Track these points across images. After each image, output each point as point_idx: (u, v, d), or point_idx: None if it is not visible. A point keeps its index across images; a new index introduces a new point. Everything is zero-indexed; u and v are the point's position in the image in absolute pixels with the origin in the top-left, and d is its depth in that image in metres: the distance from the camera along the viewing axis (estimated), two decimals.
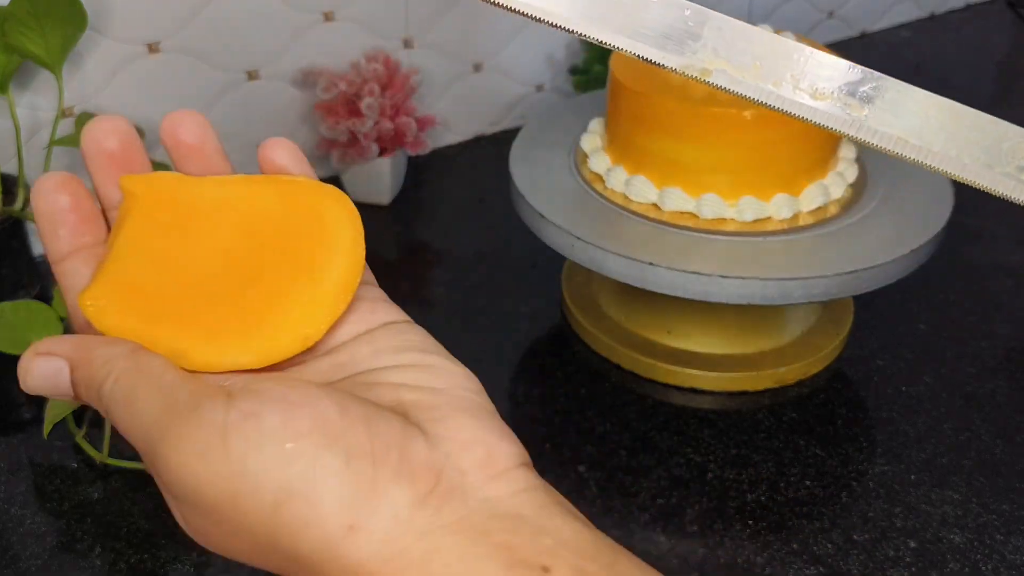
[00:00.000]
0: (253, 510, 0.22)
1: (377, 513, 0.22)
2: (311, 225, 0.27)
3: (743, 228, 0.62)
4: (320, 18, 0.85)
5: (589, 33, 0.25)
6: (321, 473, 0.22)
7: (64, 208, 0.26)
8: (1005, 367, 0.69)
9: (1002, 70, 1.25)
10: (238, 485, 0.22)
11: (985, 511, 0.57)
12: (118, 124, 0.28)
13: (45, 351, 0.25)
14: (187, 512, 0.24)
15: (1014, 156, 0.26)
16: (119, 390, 0.24)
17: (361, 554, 0.22)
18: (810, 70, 0.26)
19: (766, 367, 0.67)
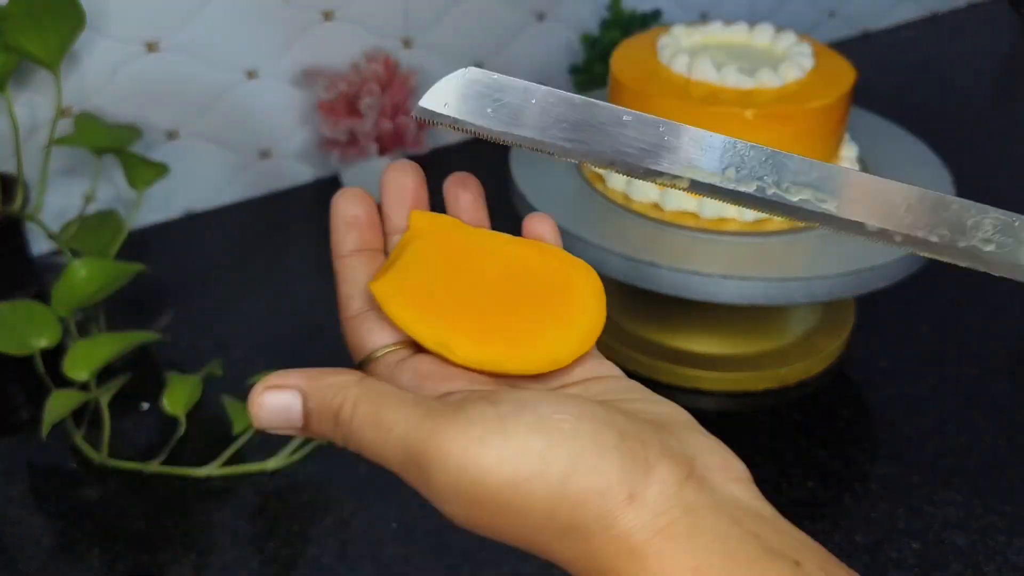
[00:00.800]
0: (539, 488, 0.24)
1: (650, 486, 0.24)
2: (564, 283, 0.31)
3: (745, 228, 0.62)
4: (320, 18, 0.85)
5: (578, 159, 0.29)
6: (603, 442, 0.24)
7: (359, 216, 0.31)
8: (1008, 368, 0.69)
9: (1004, 69, 1.24)
10: (522, 465, 0.24)
11: (988, 512, 0.57)
12: (417, 170, 0.33)
13: (275, 384, 0.27)
14: (455, 509, 0.25)
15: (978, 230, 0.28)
16: (362, 411, 0.26)
17: (636, 523, 0.24)
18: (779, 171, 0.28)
19: (767, 367, 0.66)
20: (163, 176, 0.72)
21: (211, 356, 0.70)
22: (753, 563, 0.23)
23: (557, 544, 0.25)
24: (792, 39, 0.68)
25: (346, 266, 0.31)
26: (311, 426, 0.27)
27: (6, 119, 0.72)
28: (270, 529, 0.56)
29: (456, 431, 0.24)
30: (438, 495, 0.25)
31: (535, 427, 0.24)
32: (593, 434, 0.24)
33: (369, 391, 0.27)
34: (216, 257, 0.82)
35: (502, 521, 0.25)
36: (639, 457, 0.25)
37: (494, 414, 0.24)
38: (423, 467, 0.25)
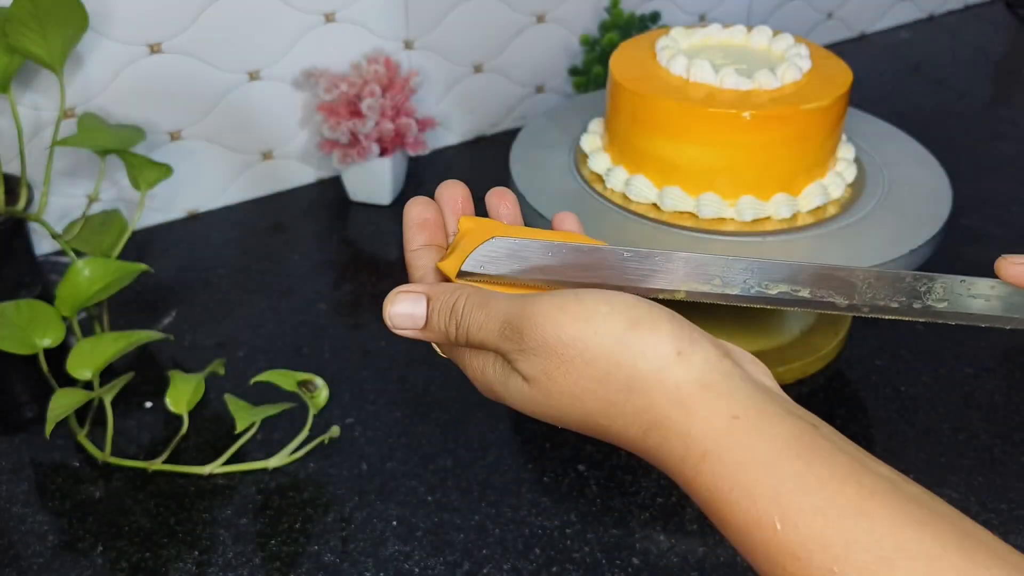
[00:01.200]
0: (605, 339, 0.30)
1: (696, 350, 0.30)
2: None
3: (742, 228, 0.63)
4: (321, 19, 0.86)
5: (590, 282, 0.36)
6: (656, 315, 0.31)
7: (429, 219, 0.39)
8: (1003, 368, 0.70)
9: (1000, 70, 1.25)
10: (592, 320, 0.30)
11: (984, 510, 0.57)
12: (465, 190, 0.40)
13: (406, 290, 0.35)
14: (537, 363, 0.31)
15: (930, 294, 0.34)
16: (473, 300, 0.34)
17: (684, 376, 0.29)
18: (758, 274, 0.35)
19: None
20: (167, 177, 0.73)
21: (213, 355, 0.70)
22: (781, 417, 0.28)
23: (619, 399, 0.30)
24: (789, 41, 0.69)
25: (416, 256, 0.38)
26: (432, 322, 0.35)
27: (10, 120, 0.73)
28: (272, 526, 0.56)
29: (543, 302, 0.32)
30: (527, 350, 0.31)
31: (602, 299, 0.31)
32: (648, 310, 0.31)
33: (476, 289, 0.34)
34: (218, 257, 0.82)
35: (573, 374, 0.31)
36: (686, 330, 0.31)
37: (572, 293, 0.32)
38: (518, 328, 0.32)
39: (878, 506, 0.26)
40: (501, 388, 0.33)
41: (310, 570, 0.53)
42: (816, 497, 0.26)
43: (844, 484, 0.26)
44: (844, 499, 0.26)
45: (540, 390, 0.32)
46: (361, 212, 0.89)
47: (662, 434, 0.29)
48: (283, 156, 0.90)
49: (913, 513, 0.26)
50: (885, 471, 0.27)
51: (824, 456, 0.27)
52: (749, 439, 0.28)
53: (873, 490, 0.26)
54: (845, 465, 0.27)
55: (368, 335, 0.73)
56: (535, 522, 0.57)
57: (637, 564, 0.54)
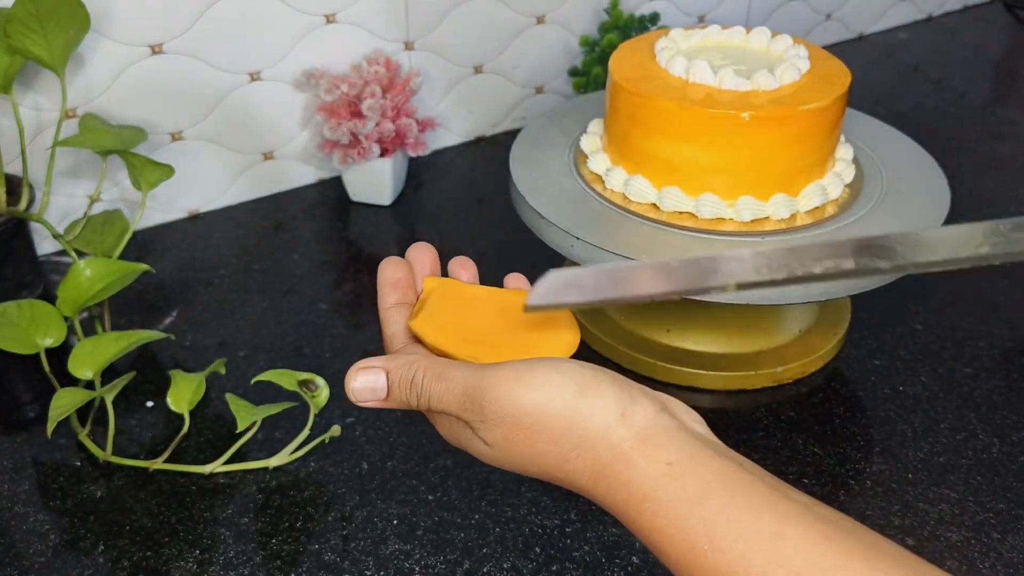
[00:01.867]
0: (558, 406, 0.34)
1: (637, 409, 0.34)
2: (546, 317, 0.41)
3: (741, 228, 0.63)
4: (322, 20, 0.86)
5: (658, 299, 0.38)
6: (600, 379, 0.35)
7: (401, 278, 0.42)
8: (1002, 367, 0.70)
9: (999, 71, 1.25)
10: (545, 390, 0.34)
11: (982, 509, 0.58)
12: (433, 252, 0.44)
13: (365, 366, 0.38)
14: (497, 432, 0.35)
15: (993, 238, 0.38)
16: (431, 373, 0.36)
17: (626, 434, 0.33)
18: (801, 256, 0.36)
19: (764, 366, 0.67)
20: (168, 177, 0.73)
21: (214, 355, 0.70)
22: (710, 460, 0.32)
23: (572, 456, 0.34)
24: (788, 42, 0.69)
25: (390, 314, 0.42)
26: (393, 394, 0.38)
27: (11, 120, 0.73)
28: (273, 525, 0.56)
29: (499, 374, 0.35)
30: (488, 421, 0.35)
31: (552, 368, 0.35)
32: (593, 374, 0.35)
33: (433, 359, 0.37)
34: (220, 257, 0.82)
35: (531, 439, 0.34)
36: (626, 391, 0.34)
37: (524, 363, 0.35)
38: (477, 400, 0.35)
39: (792, 528, 0.29)
40: (466, 445, 0.37)
41: (311, 569, 0.54)
42: (739, 525, 0.30)
43: (762, 511, 0.30)
44: (762, 524, 0.30)
45: (501, 452, 0.35)
46: (361, 212, 0.90)
47: (608, 483, 0.33)
48: (284, 156, 0.91)
49: (823, 531, 0.29)
50: (800, 497, 0.31)
51: (746, 489, 0.31)
52: (682, 480, 0.32)
53: (788, 514, 0.30)
54: (764, 495, 0.31)
55: (368, 335, 0.73)
56: (535, 521, 0.57)
57: (637, 563, 0.54)
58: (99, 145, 0.72)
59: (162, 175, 0.73)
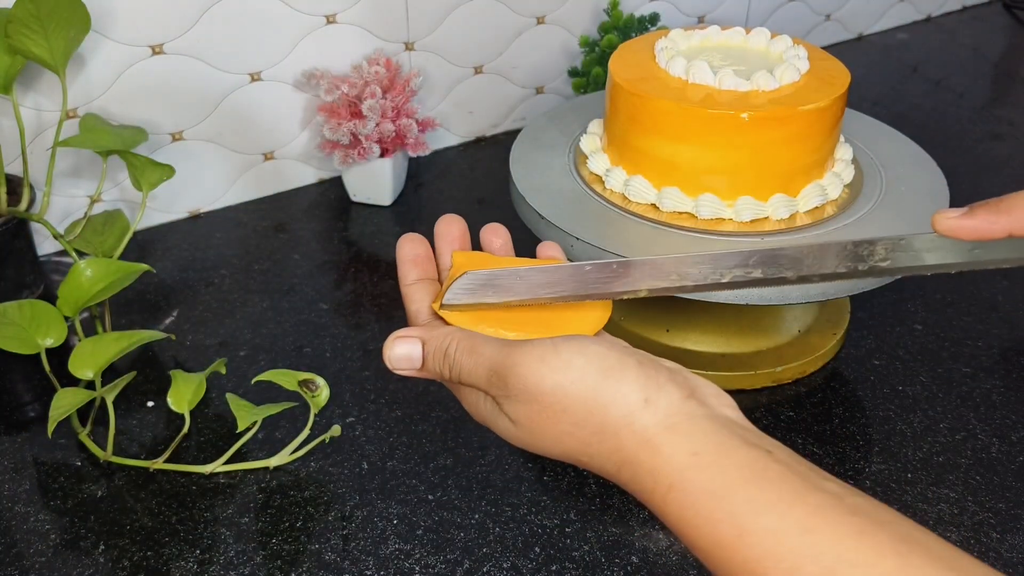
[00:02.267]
0: (580, 389, 0.33)
1: (661, 396, 0.33)
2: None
3: (741, 228, 0.63)
4: (322, 21, 0.86)
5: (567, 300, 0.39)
6: (626, 363, 0.34)
7: (420, 254, 0.42)
8: (1001, 367, 0.70)
9: (998, 71, 1.25)
10: (568, 373, 0.34)
11: (981, 509, 0.58)
12: (463, 224, 0.44)
13: (403, 335, 0.38)
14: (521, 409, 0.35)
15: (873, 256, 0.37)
16: (463, 346, 0.37)
17: (650, 421, 0.33)
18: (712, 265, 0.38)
19: (764, 366, 0.67)
20: (169, 177, 0.73)
21: (215, 355, 0.70)
22: (737, 449, 0.31)
23: (594, 441, 0.34)
24: (788, 43, 0.69)
25: (412, 291, 0.41)
26: (427, 364, 0.38)
27: (12, 121, 0.73)
28: (273, 525, 0.56)
29: (525, 352, 0.35)
30: (511, 397, 0.35)
31: (578, 350, 0.34)
32: (619, 358, 0.34)
33: (466, 333, 0.37)
34: (220, 257, 0.83)
35: (553, 419, 0.34)
36: (652, 377, 0.34)
37: (551, 343, 0.35)
38: (502, 377, 0.35)
39: (822, 522, 0.29)
40: (492, 422, 0.37)
41: (311, 568, 0.54)
42: (767, 518, 0.29)
43: (792, 505, 0.29)
44: (791, 518, 0.29)
45: (524, 431, 0.35)
46: (362, 212, 0.90)
47: (633, 470, 0.33)
48: (284, 157, 0.91)
49: (854, 524, 0.29)
50: (832, 487, 0.30)
51: (774, 480, 0.30)
52: (708, 472, 0.31)
53: (818, 507, 0.29)
54: (794, 486, 0.30)
55: (369, 335, 0.73)
56: (535, 520, 0.57)
57: (636, 562, 0.54)
58: (100, 145, 0.72)
59: (163, 175, 0.73)
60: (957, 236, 0.35)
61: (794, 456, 0.32)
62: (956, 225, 0.35)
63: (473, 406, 0.38)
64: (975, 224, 0.35)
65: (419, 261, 0.42)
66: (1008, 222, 0.34)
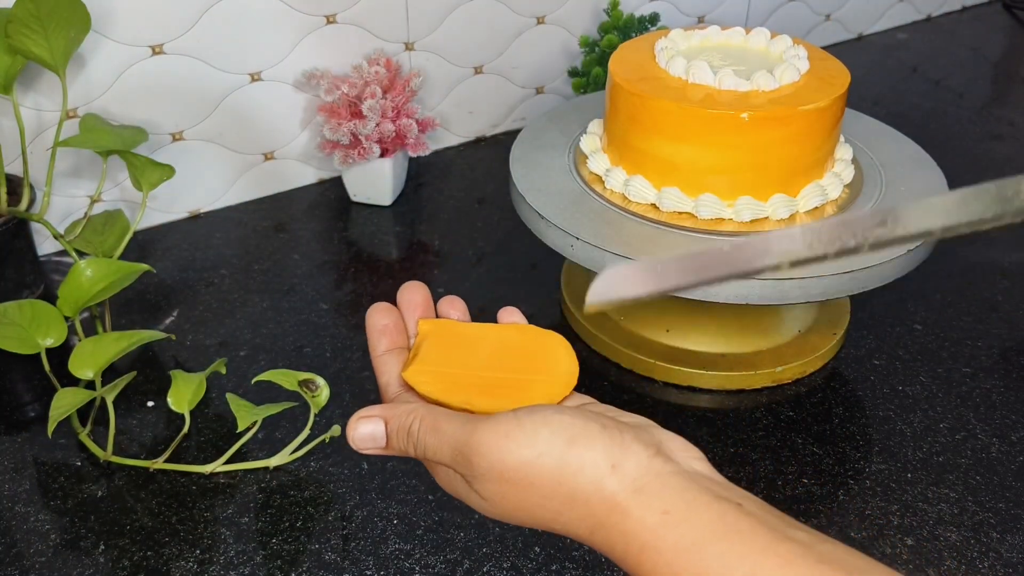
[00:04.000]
0: (547, 462, 0.33)
1: (628, 458, 0.33)
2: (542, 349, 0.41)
3: (741, 228, 0.63)
4: (322, 21, 0.86)
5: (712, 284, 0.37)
6: (590, 430, 0.34)
7: (389, 324, 0.43)
8: (1001, 367, 0.70)
9: (998, 71, 1.25)
10: (534, 447, 0.33)
11: (981, 509, 0.58)
12: (423, 288, 0.44)
13: (365, 415, 0.38)
14: (489, 487, 0.34)
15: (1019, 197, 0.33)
16: (426, 424, 0.36)
17: (619, 486, 0.33)
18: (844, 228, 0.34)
19: (763, 366, 0.67)
20: (169, 177, 0.73)
21: (215, 355, 0.70)
22: (707, 504, 0.32)
23: (565, 510, 0.34)
24: (787, 43, 0.69)
25: (382, 362, 0.42)
26: (391, 443, 0.38)
27: (12, 121, 0.73)
28: (273, 525, 0.56)
29: (488, 429, 0.34)
30: (478, 476, 0.34)
31: (541, 422, 0.34)
32: (583, 426, 0.34)
33: (429, 410, 0.37)
34: (220, 257, 0.83)
35: (523, 494, 0.34)
36: (617, 440, 0.34)
37: (514, 417, 0.35)
38: (467, 456, 0.35)
39: (792, 573, 0.29)
40: (464, 498, 0.37)
41: (311, 568, 0.54)
42: (738, 572, 0.30)
43: (763, 556, 0.30)
44: (762, 570, 0.30)
45: (495, 507, 0.35)
46: (362, 212, 0.90)
47: (605, 533, 0.33)
48: (284, 157, 0.91)
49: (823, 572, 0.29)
50: (801, 536, 0.31)
51: (745, 533, 0.31)
52: (679, 529, 0.31)
53: (788, 558, 0.30)
54: (764, 538, 0.30)
55: None
56: None
57: None
58: (100, 145, 0.72)
59: (163, 175, 0.73)
60: None
61: (763, 506, 0.32)
62: None
63: (446, 482, 0.38)
64: None
65: (388, 331, 0.42)
66: None
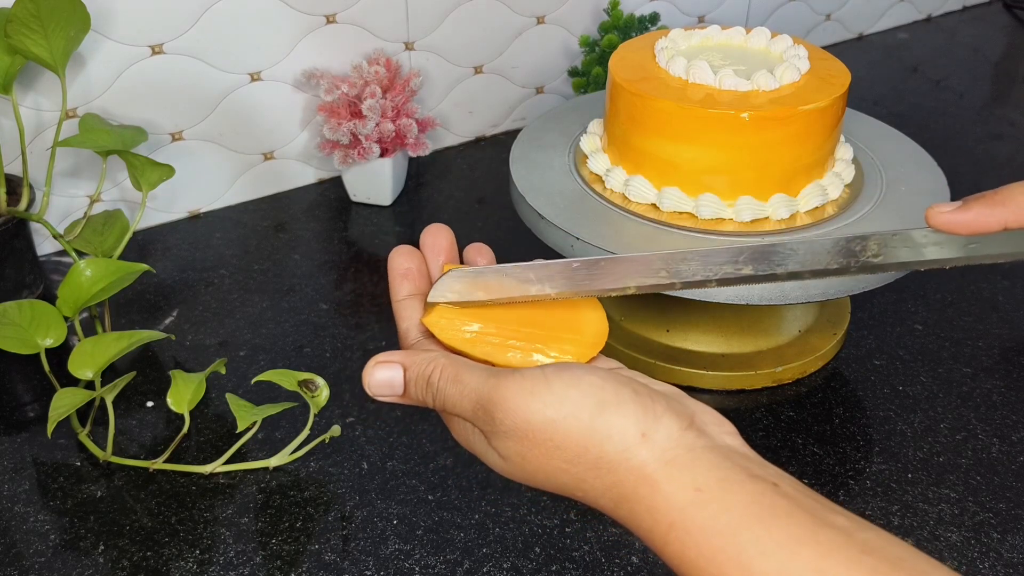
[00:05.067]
0: (573, 425, 0.32)
1: (659, 429, 0.31)
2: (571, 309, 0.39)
3: (741, 228, 0.63)
4: (322, 20, 0.86)
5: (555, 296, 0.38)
6: (622, 395, 0.32)
7: (412, 268, 0.40)
8: (1001, 367, 0.70)
9: (998, 71, 1.25)
10: (561, 408, 0.32)
11: (982, 510, 0.58)
12: (450, 235, 0.42)
13: (384, 360, 0.36)
14: (510, 445, 0.33)
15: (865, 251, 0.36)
16: (447, 374, 0.35)
17: (648, 456, 0.31)
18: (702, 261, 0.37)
19: (764, 366, 0.67)
20: (169, 177, 0.73)
21: (215, 355, 0.70)
22: (742, 483, 0.30)
23: (590, 476, 0.32)
24: (788, 42, 0.69)
25: (402, 307, 0.40)
26: (409, 391, 0.36)
27: (12, 121, 0.73)
28: (273, 525, 0.56)
29: (513, 384, 0.32)
30: (499, 433, 0.33)
31: (571, 382, 0.32)
32: (615, 390, 0.32)
33: (451, 360, 0.35)
34: (220, 257, 0.83)
35: (545, 456, 0.32)
36: (649, 408, 0.32)
37: (541, 374, 0.33)
38: (489, 411, 0.33)
39: (832, 563, 0.27)
40: (481, 455, 0.35)
41: (311, 569, 0.54)
42: (775, 560, 0.28)
43: (801, 544, 0.28)
44: (801, 560, 0.28)
45: (515, 467, 0.33)
46: (362, 212, 0.90)
47: (631, 507, 0.31)
48: (284, 157, 0.91)
49: (867, 565, 0.27)
50: (841, 521, 0.29)
51: (782, 517, 0.29)
52: (711, 509, 0.29)
53: (828, 547, 0.28)
54: (802, 523, 0.29)
55: (369, 334, 0.73)
56: (535, 521, 0.57)
57: (636, 563, 0.54)
58: (99, 145, 0.72)
59: (162, 175, 0.73)
60: (952, 231, 0.34)
61: (800, 488, 0.30)
62: (951, 219, 0.34)
63: (462, 436, 0.36)
64: (970, 218, 0.33)
65: (411, 275, 0.40)
66: (1003, 215, 0.33)
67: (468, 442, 0.36)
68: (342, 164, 0.86)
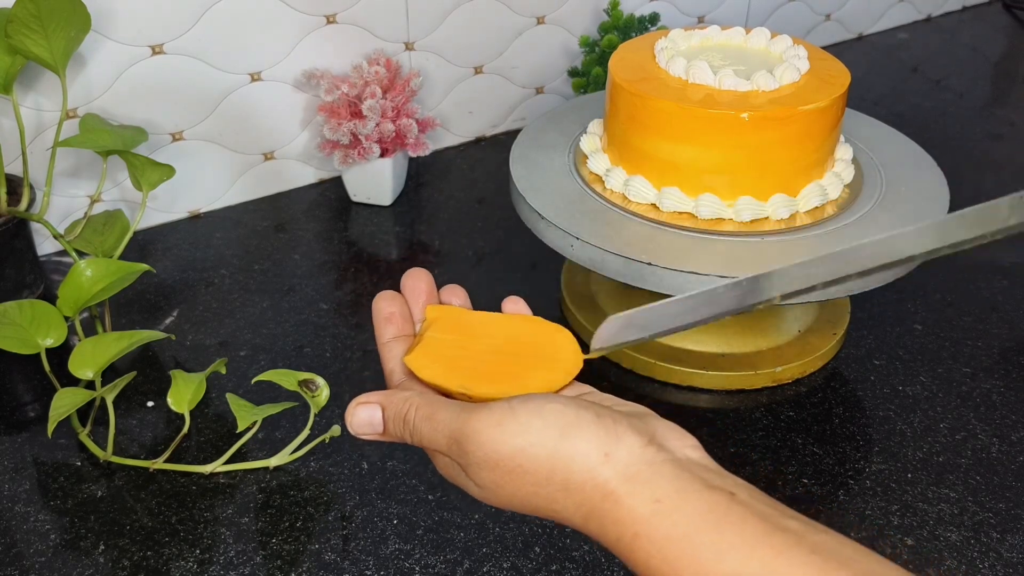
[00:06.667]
0: (540, 452, 0.34)
1: (621, 447, 0.33)
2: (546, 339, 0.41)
3: (741, 228, 0.63)
4: (322, 20, 0.86)
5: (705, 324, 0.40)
6: (584, 419, 0.34)
7: (394, 312, 0.42)
8: (1001, 367, 0.70)
9: (998, 71, 1.25)
10: (526, 436, 0.34)
11: (981, 509, 0.58)
12: (429, 278, 0.43)
13: (364, 401, 0.38)
14: (484, 475, 0.35)
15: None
16: (422, 412, 0.37)
17: (611, 473, 0.33)
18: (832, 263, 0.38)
19: (764, 366, 0.67)
20: (169, 177, 0.73)
21: (215, 355, 0.70)
22: (699, 492, 0.32)
23: (560, 497, 0.34)
24: (788, 42, 0.69)
25: (387, 349, 0.42)
26: (388, 429, 0.38)
27: (12, 121, 0.73)
28: (273, 525, 0.56)
29: (483, 418, 0.35)
30: (473, 464, 0.35)
31: (535, 412, 0.34)
32: (576, 415, 0.34)
33: (426, 398, 0.38)
34: (220, 257, 0.83)
35: (517, 482, 0.34)
36: (611, 429, 0.34)
37: (507, 406, 0.35)
38: (462, 444, 0.35)
39: (783, 563, 0.29)
40: (463, 485, 0.37)
41: (311, 568, 0.54)
42: (730, 562, 0.30)
43: (754, 547, 0.30)
44: (753, 561, 0.30)
45: (491, 494, 0.36)
46: (362, 212, 0.90)
47: (599, 521, 0.33)
48: (284, 157, 0.91)
49: (816, 565, 0.29)
50: (794, 525, 0.31)
51: (736, 523, 0.31)
52: (671, 518, 0.32)
53: (779, 548, 0.30)
54: (755, 528, 0.31)
55: (369, 335, 0.73)
56: (535, 521, 0.57)
57: None
58: (100, 145, 0.72)
59: (163, 175, 0.73)
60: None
61: (757, 495, 0.32)
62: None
63: (444, 470, 0.38)
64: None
65: (394, 319, 0.42)
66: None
67: (450, 475, 0.38)
68: (342, 164, 0.86)
